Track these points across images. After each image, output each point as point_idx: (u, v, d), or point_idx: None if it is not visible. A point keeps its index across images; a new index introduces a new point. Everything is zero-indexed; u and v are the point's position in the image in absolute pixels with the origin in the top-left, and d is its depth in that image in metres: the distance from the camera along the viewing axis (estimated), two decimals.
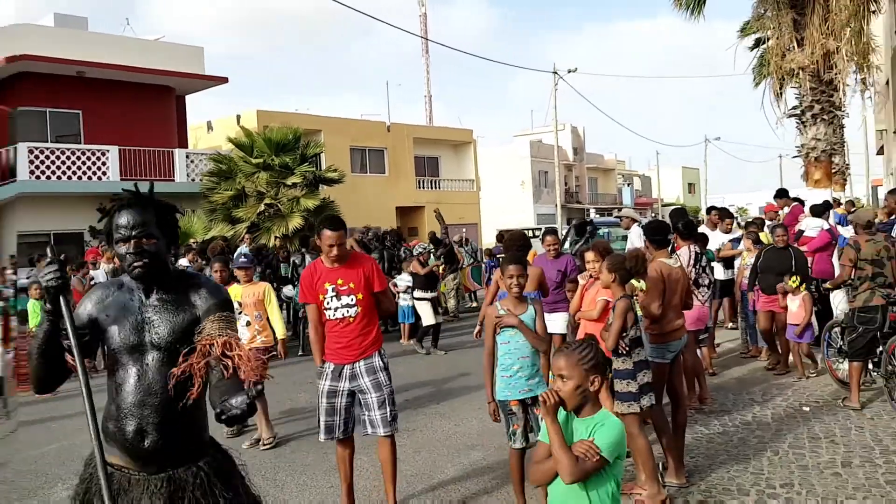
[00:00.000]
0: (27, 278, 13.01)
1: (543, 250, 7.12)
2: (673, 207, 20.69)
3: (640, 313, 4.66)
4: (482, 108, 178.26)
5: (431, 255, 14.61)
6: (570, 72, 34.26)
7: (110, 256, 13.65)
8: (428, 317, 10.67)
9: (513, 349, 4.07)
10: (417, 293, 11.00)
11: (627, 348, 4.26)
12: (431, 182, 32.42)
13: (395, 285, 11.27)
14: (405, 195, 30.28)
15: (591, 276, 5.47)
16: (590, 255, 5.45)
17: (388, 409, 4.24)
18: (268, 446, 6.05)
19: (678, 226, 6.46)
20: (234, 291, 6.45)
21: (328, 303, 4.22)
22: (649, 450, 4.30)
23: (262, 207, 18.60)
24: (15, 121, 18.75)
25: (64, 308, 2.22)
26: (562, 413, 2.42)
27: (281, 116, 23.60)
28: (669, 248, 5.38)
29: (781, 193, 10.80)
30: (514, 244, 6.29)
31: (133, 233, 2.34)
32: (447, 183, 33.14)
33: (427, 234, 16.90)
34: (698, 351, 6.82)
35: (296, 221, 18.16)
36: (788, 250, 7.62)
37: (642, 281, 4.46)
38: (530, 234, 25.62)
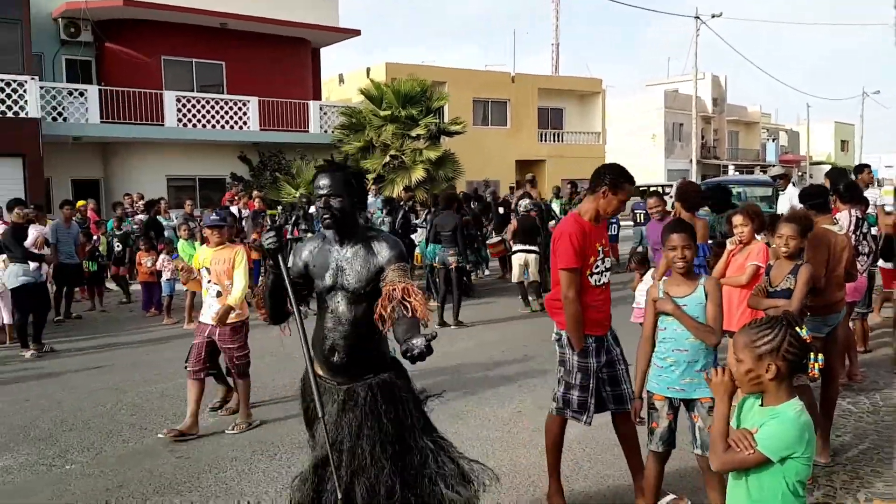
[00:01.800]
0: (176, 219, 14.10)
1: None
2: (830, 167, 19.02)
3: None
4: (611, 55, 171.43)
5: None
6: (713, 17, 32.19)
7: (247, 202, 14.45)
8: (532, 273, 10.27)
9: (668, 337, 3.48)
10: (517, 246, 10.53)
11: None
12: (554, 135, 31.73)
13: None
14: (526, 148, 29.85)
15: (739, 241, 5.14)
16: (738, 219, 5.11)
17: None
18: (238, 431, 5.30)
19: (838, 187, 5.87)
20: (203, 255, 5.45)
21: (597, 266, 3.73)
22: None
23: (388, 159, 18.98)
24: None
25: (282, 265, 2.88)
26: (752, 397, 2.24)
27: (408, 69, 23.81)
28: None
29: None
30: (692, 191, 5.78)
31: (323, 192, 2.88)
32: (570, 136, 32.30)
33: (551, 189, 16.55)
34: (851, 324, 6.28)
35: (418, 173, 18.42)
36: None
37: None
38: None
